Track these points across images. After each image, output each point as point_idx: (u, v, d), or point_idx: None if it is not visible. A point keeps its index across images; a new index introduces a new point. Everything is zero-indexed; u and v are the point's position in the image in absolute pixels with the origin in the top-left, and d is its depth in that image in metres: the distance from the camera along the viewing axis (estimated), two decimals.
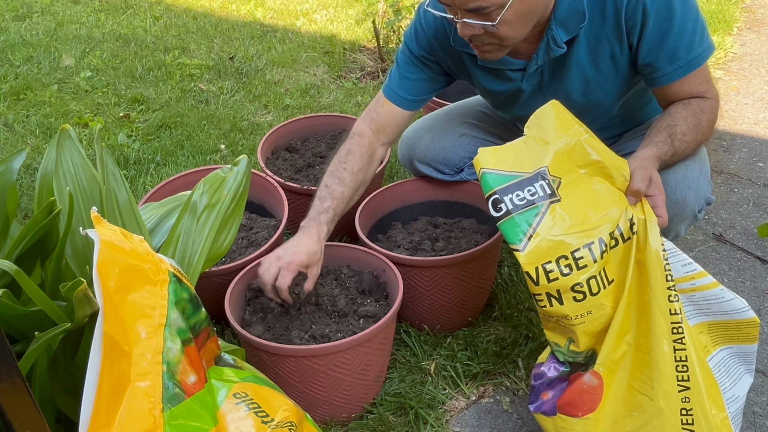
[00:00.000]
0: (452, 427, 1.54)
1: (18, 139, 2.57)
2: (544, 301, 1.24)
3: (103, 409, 0.85)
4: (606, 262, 1.24)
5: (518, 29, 1.31)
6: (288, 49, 3.21)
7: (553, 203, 1.23)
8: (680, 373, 1.23)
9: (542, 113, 1.27)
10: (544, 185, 1.23)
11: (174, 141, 2.53)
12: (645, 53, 1.34)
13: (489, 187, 1.25)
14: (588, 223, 1.22)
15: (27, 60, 3.12)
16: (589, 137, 1.26)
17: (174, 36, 3.37)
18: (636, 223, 1.24)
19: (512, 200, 1.23)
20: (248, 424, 1.00)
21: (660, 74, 1.36)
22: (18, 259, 1.11)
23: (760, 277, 1.92)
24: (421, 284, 1.63)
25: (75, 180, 1.22)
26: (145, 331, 0.93)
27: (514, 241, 1.22)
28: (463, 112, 1.81)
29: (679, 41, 1.32)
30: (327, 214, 1.52)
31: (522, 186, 1.24)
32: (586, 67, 1.41)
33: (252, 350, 1.45)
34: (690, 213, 1.42)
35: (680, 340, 1.22)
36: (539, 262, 1.21)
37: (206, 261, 1.31)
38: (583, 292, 1.23)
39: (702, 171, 1.43)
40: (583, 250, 1.21)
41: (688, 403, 1.23)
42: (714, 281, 1.28)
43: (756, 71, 2.96)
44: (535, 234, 1.21)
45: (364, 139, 1.61)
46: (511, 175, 1.25)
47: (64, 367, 1.00)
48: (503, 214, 1.23)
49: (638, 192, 1.24)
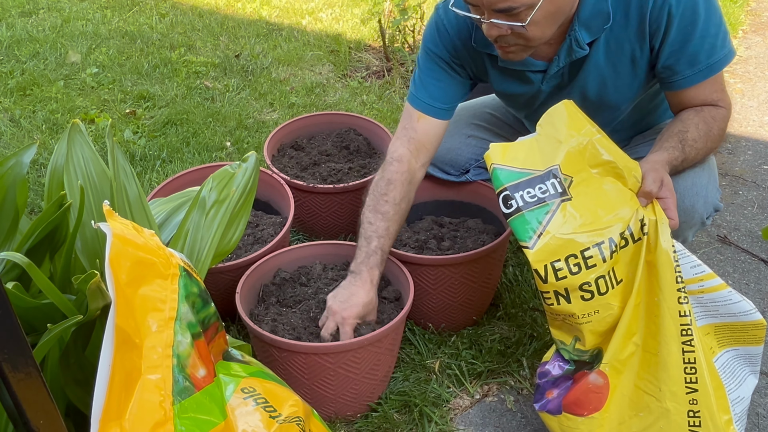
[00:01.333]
0: (456, 425, 1.54)
1: (24, 134, 2.57)
2: (551, 299, 1.25)
3: (115, 401, 0.86)
4: (615, 262, 1.24)
5: (546, 30, 1.30)
6: (293, 48, 3.21)
7: (564, 202, 1.23)
8: (688, 375, 1.23)
9: (555, 112, 1.27)
10: (556, 183, 1.24)
11: (180, 138, 2.54)
12: (666, 56, 1.34)
13: (500, 182, 1.25)
14: (599, 222, 1.22)
15: (33, 56, 3.13)
16: (601, 137, 1.26)
17: (180, 33, 3.37)
18: (647, 224, 1.24)
19: (523, 197, 1.23)
20: (256, 419, 1.00)
21: (678, 78, 1.35)
22: (28, 252, 1.12)
23: (765, 279, 1.92)
24: (428, 283, 1.63)
25: (85, 174, 1.22)
26: (155, 324, 0.93)
27: (523, 239, 1.22)
28: (471, 114, 1.80)
29: (701, 45, 1.31)
30: (375, 256, 1.48)
31: (533, 183, 1.24)
32: (605, 68, 1.41)
33: (262, 346, 1.45)
34: (698, 220, 1.42)
35: (689, 342, 1.22)
36: (548, 260, 1.21)
37: (214, 256, 1.31)
38: (592, 291, 1.23)
39: (711, 178, 1.43)
40: (593, 249, 1.21)
41: (695, 405, 1.23)
42: (722, 283, 1.28)
43: (761, 74, 2.96)
44: (545, 232, 1.21)
45: (403, 164, 1.53)
46: (523, 171, 1.25)
47: (75, 360, 1.01)
48: (513, 210, 1.23)
49: (650, 193, 1.24)
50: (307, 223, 2.01)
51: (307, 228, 2.03)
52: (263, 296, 1.59)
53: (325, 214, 1.96)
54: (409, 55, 2.97)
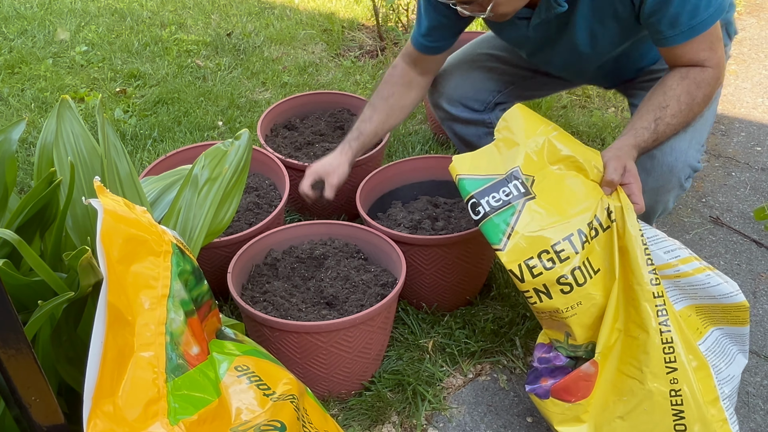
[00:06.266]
0: (450, 403, 1.55)
1: (13, 112, 2.54)
2: (533, 298, 1.27)
3: (108, 378, 0.85)
4: (589, 252, 1.26)
5: (515, 3, 1.34)
6: (286, 27, 3.17)
7: (528, 200, 1.27)
8: (667, 355, 1.25)
9: (510, 117, 1.33)
10: (518, 184, 1.27)
11: (171, 117, 2.51)
12: (647, 15, 1.33)
13: (466, 191, 1.30)
14: (565, 216, 1.26)
15: (21, 33, 3.08)
16: (558, 134, 1.30)
17: (170, 11, 3.33)
18: (613, 211, 1.27)
19: (489, 202, 1.27)
20: (250, 396, 1.00)
21: (661, 37, 1.35)
22: (17, 230, 1.10)
23: (756, 260, 1.93)
24: (421, 263, 1.63)
25: (75, 151, 1.20)
26: (148, 301, 0.92)
27: (494, 242, 1.25)
28: (490, 45, 1.80)
29: (683, 7, 1.29)
30: (353, 133, 1.70)
31: (497, 188, 1.28)
32: (592, 22, 1.42)
33: (254, 325, 1.45)
34: (676, 182, 1.44)
35: (665, 322, 1.24)
36: (521, 258, 1.24)
37: (207, 235, 1.30)
38: (569, 283, 1.25)
39: (693, 140, 1.43)
40: (563, 243, 1.24)
41: (676, 384, 1.25)
42: (700, 267, 1.31)
43: (755, 56, 2.95)
44: (514, 232, 1.24)
45: (396, 69, 1.69)
46: (486, 178, 1.30)
47: (67, 337, 1.00)
48: (482, 216, 1.27)
49: (612, 182, 1.27)
50: (301, 202, 2.00)
51: (301, 208, 2.02)
52: (255, 275, 1.59)
53: None
54: (402, 35, 2.94)
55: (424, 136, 2.40)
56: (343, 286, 1.54)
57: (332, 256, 1.63)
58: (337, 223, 1.68)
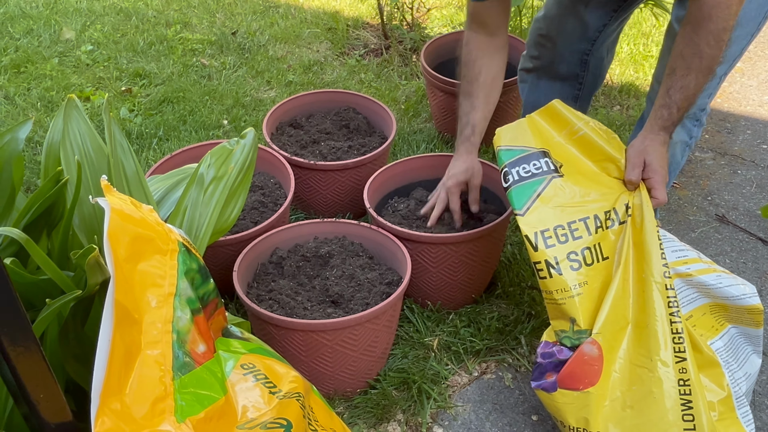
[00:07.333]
0: (455, 402, 1.55)
1: (19, 112, 2.55)
2: (544, 271, 1.32)
3: (115, 376, 0.85)
4: (602, 238, 1.34)
5: None
6: (291, 25, 3.18)
7: (556, 178, 1.38)
8: (677, 345, 1.27)
9: (545, 112, 1.45)
10: (549, 162, 1.40)
11: (176, 116, 2.52)
12: None
13: (501, 161, 1.42)
14: (586, 199, 1.36)
15: (27, 33, 3.09)
16: (591, 129, 1.41)
17: (175, 10, 3.33)
18: (631, 207, 1.35)
19: (518, 172, 1.39)
20: (256, 394, 1.00)
21: None
22: (25, 229, 1.11)
23: (762, 258, 1.92)
24: (428, 261, 1.63)
25: (82, 150, 1.21)
26: (155, 300, 0.93)
27: (517, 207, 1.36)
28: None
29: None
30: (467, 129, 1.63)
31: (528, 159, 1.40)
32: None
33: (260, 323, 1.45)
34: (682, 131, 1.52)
35: (676, 313, 1.27)
36: (538, 227, 1.33)
37: (213, 233, 1.30)
38: (579, 261, 1.32)
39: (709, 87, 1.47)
40: (578, 222, 1.34)
41: (685, 374, 1.26)
42: (708, 267, 1.36)
43: (761, 53, 2.94)
44: (537, 203, 1.35)
45: (469, 44, 1.61)
46: (521, 149, 1.41)
47: (74, 335, 1.00)
48: (510, 184, 1.39)
49: (631, 182, 1.36)
50: (306, 201, 2.00)
51: (306, 206, 2.02)
52: (261, 274, 1.59)
53: (325, 192, 1.95)
54: (407, 33, 2.94)
55: (428, 134, 2.40)
56: (349, 285, 1.55)
57: (338, 254, 1.63)
58: (343, 221, 1.69)
